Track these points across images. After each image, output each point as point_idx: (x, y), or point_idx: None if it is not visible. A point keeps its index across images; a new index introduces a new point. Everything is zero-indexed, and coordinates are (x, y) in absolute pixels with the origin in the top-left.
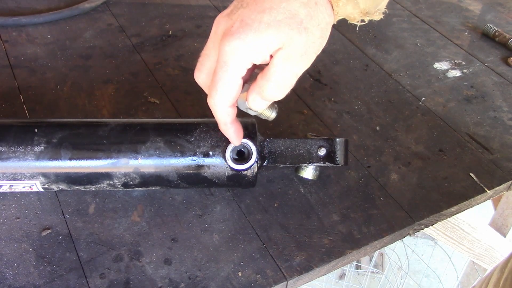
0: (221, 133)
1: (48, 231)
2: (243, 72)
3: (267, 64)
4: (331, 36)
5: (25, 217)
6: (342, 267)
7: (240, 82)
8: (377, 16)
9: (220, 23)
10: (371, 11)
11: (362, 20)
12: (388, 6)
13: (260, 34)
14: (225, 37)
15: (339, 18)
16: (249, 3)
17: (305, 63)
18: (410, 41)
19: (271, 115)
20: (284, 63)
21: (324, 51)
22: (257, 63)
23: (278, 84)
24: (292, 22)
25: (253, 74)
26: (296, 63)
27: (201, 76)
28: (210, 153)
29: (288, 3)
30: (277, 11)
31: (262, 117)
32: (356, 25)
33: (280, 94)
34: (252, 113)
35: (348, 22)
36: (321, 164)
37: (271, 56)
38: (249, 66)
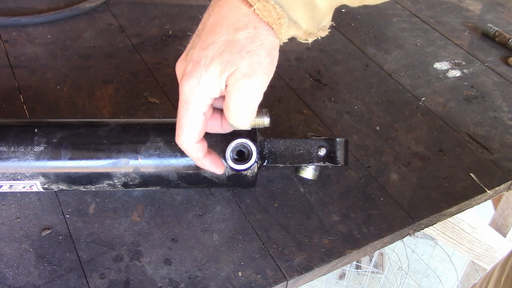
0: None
1: (48, 231)
2: (205, 108)
3: None
4: (331, 36)
5: (25, 217)
6: (342, 267)
7: (203, 118)
8: (323, 33)
9: (179, 68)
10: (314, 31)
11: (307, 39)
12: (388, 6)
13: (208, 69)
14: (182, 78)
15: (285, 40)
16: (197, 43)
17: (256, 85)
18: (410, 41)
19: (264, 122)
20: (235, 88)
21: (324, 51)
22: (216, 96)
23: (237, 111)
24: (232, 49)
25: None
26: (246, 85)
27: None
28: None
29: (227, 35)
30: (218, 43)
31: (258, 127)
32: (356, 26)
33: (243, 119)
34: (248, 128)
35: (297, 40)
36: (321, 164)
37: None
38: (209, 102)
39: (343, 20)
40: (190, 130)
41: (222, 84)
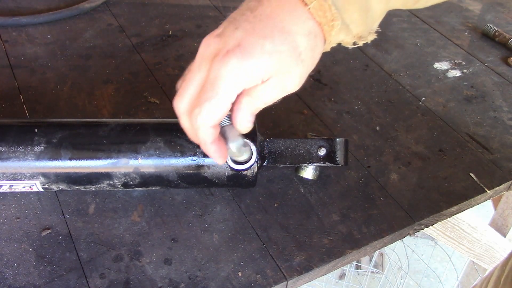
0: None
1: (48, 231)
2: (233, 97)
3: None
4: None
5: (25, 217)
6: (342, 267)
7: (228, 106)
8: (372, 37)
9: (210, 45)
10: (365, 34)
11: (355, 43)
12: None
13: (260, 61)
14: (221, 58)
15: (333, 45)
16: (247, 28)
17: (295, 90)
18: (410, 41)
19: (243, 155)
20: (276, 89)
21: (324, 51)
22: (247, 88)
23: (264, 102)
24: (292, 53)
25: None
26: (287, 90)
27: (182, 104)
28: None
29: (289, 34)
30: (279, 41)
31: (236, 158)
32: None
33: (260, 107)
34: (230, 154)
35: (341, 45)
36: (321, 164)
37: None
38: (239, 91)
39: None
40: (212, 114)
41: (261, 81)
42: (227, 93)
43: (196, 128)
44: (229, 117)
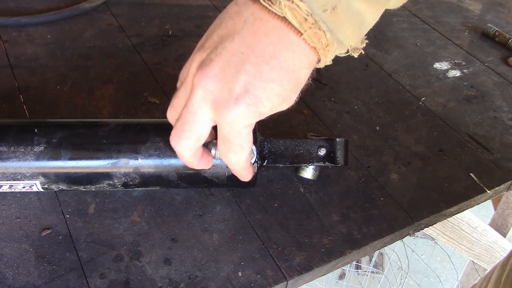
0: None
1: (48, 231)
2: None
3: None
4: None
5: (25, 217)
6: (342, 267)
7: (251, 140)
8: (363, 45)
9: (211, 90)
10: (358, 45)
11: (347, 52)
12: None
13: (269, 104)
14: (232, 108)
15: (327, 63)
16: (252, 72)
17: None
18: (410, 41)
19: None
20: (273, 111)
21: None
22: None
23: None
24: (296, 87)
25: None
26: (282, 109)
27: (189, 149)
28: None
29: (294, 72)
30: (286, 81)
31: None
32: None
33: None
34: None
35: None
36: (321, 164)
37: None
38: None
39: None
40: (242, 155)
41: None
42: (245, 136)
43: (180, 155)
44: None
